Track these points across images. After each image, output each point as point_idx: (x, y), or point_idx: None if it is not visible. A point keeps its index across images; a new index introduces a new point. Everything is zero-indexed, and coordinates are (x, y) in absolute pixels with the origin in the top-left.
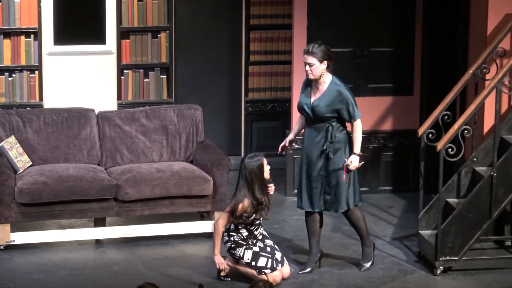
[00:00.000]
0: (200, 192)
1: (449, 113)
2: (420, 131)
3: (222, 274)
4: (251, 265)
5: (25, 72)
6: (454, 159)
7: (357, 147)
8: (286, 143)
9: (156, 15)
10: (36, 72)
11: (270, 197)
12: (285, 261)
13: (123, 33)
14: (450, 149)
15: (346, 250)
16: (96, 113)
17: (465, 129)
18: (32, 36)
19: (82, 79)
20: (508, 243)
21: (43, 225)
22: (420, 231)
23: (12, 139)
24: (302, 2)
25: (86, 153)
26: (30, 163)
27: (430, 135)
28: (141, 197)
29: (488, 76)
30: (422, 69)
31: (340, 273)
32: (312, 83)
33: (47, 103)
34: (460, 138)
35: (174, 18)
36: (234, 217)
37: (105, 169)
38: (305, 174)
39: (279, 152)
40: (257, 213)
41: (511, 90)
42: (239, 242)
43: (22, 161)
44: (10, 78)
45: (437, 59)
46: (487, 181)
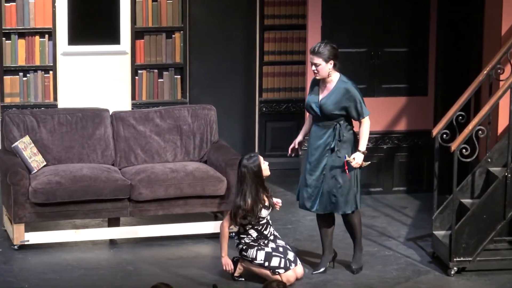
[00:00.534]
0: (214, 192)
1: (463, 113)
2: (434, 132)
3: (236, 274)
4: (264, 265)
5: (39, 72)
6: (468, 160)
7: (363, 145)
8: (295, 145)
9: (171, 15)
10: (51, 72)
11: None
12: (298, 261)
13: (137, 33)
14: (464, 150)
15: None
16: (110, 113)
17: (479, 129)
18: (46, 36)
19: (96, 79)
20: None
21: (57, 225)
22: (434, 232)
23: (27, 139)
24: (316, 2)
25: (100, 153)
26: (44, 163)
27: (444, 135)
28: (155, 197)
29: (502, 77)
30: (437, 70)
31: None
32: (320, 82)
33: (61, 103)
34: (474, 138)
35: (189, 18)
36: (235, 221)
37: (119, 169)
38: (307, 173)
39: (288, 154)
40: (260, 211)
41: None
42: (250, 243)
43: (36, 161)
44: (24, 78)
45: (452, 59)
46: (502, 181)
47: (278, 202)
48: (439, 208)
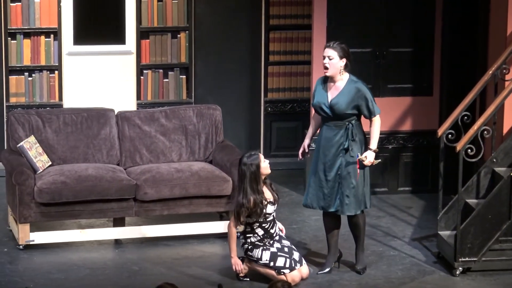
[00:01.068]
0: (219, 192)
1: (468, 113)
2: (440, 132)
3: (241, 274)
4: (269, 265)
5: (44, 72)
6: (474, 160)
7: (374, 143)
8: (305, 149)
9: (176, 15)
10: (56, 72)
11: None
12: (304, 261)
13: (142, 33)
14: (469, 150)
15: (365, 251)
16: (116, 113)
17: (484, 129)
18: (52, 36)
19: (101, 79)
20: None
21: (62, 224)
22: (439, 232)
23: (32, 139)
24: (321, 2)
25: (105, 153)
26: (50, 163)
27: (450, 135)
28: (160, 197)
29: (508, 77)
30: (442, 70)
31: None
32: (327, 82)
33: (67, 103)
34: (480, 138)
35: (194, 18)
36: (240, 220)
37: (125, 169)
38: (322, 173)
39: (299, 159)
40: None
41: None
42: (256, 243)
43: (41, 161)
44: (30, 78)
45: (457, 59)
46: (507, 181)
47: (283, 230)
48: (444, 208)
